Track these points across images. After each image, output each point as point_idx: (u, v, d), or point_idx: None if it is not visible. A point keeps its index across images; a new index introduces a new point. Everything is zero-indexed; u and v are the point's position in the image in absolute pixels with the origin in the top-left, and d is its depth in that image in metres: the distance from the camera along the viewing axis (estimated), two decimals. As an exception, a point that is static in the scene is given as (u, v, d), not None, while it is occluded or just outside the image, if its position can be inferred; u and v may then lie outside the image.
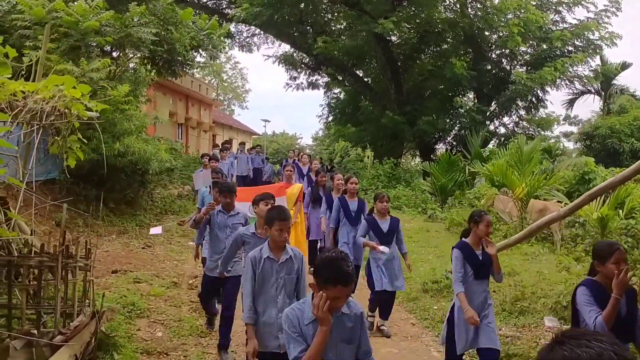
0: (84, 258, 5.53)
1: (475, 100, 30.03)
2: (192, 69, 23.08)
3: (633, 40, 76.25)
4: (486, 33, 27.59)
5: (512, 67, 28.86)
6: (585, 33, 27.09)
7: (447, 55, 27.92)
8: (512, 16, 25.50)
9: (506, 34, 25.54)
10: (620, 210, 12.23)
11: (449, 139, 30.86)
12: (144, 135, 13.81)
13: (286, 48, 33.51)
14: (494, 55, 29.56)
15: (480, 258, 5.49)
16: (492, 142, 29.18)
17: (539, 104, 29.75)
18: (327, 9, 30.25)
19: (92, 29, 12.01)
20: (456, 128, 29.64)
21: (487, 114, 28.53)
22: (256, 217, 5.76)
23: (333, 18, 31.21)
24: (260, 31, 31.47)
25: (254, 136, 51.91)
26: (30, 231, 6.04)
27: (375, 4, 25.82)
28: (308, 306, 3.21)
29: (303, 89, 34.66)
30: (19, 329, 4.83)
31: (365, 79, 33.05)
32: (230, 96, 66.87)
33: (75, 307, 5.32)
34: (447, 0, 27.93)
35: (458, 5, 27.35)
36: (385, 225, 7.66)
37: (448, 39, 29.02)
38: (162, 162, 13.56)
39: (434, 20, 26.57)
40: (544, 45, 27.37)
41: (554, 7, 28.25)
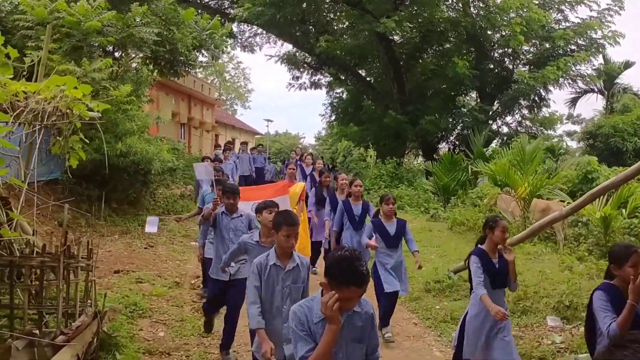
0: (85, 258, 5.54)
1: (477, 100, 29.99)
2: (195, 68, 23.06)
3: (636, 39, 76.14)
4: (489, 32, 27.57)
5: (515, 66, 28.81)
6: (588, 32, 27.05)
7: (450, 54, 27.91)
8: (515, 15, 25.46)
9: (509, 33, 25.50)
10: (623, 210, 12.19)
11: (452, 138, 30.84)
12: (146, 135, 13.81)
13: (288, 48, 33.52)
14: (496, 55, 29.53)
15: (496, 266, 5.34)
16: (495, 142, 29.13)
17: (542, 103, 29.74)
18: (329, 8, 30.27)
19: (94, 29, 12.02)
20: (459, 127, 29.62)
21: (490, 113, 28.49)
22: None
23: (335, 17, 31.21)
24: (263, 31, 31.46)
25: (257, 136, 51.86)
26: (32, 231, 6.04)
27: (377, 3, 25.80)
28: (317, 303, 3.06)
29: (306, 89, 34.68)
30: (21, 329, 4.84)
31: (368, 79, 33.03)
32: (232, 96, 66.88)
33: (77, 307, 5.33)
34: (450, 0, 27.92)
35: (460, 5, 27.32)
36: (391, 228, 7.50)
37: (450, 38, 28.98)
38: (165, 162, 13.57)
39: (436, 20, 26.53)
40: (546, 44, 27.34)
41: (556, 6, 28.20)
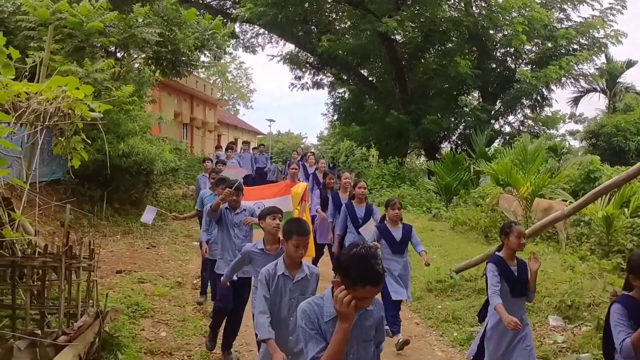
0: (87, 258, 5.55)
1: (480, 99, 29.96)
2: (197, 69, 23.08)
3: (638, 38, 76.05)
4: (491, 32, 27.55)
5: (517, 66, 28.77)
6: (591, 31, 26.98)
7: (452, 54, 27.88)
8: (517, 14, 25.42)
9: (511, 32, 25.45)
10: (626, 209, 12.17)
11: (454, 138, 30.82)
12: (148, 135, 13.81)
13: (291, 47, 33.53)
14: (498, 54, 29.50)
15: (515, 274, 5.19)
16: (497, 141, 29.13)
17: (544, 103, 29.70)
18: (331, 8, 30.27)
19: (96, 30, 12.03)
20: (461, 127, 29.61)
21: (492, 112, 28.48)
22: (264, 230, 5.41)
23: (337, 17, 31.19)
24: (265, 31, 31.48)
25: (259, 136, 51.93)
26: (34, 232, 6.05)
27: (379, 3, 25.79)
28: (328, 301, 2.90)
29: (308, 89, 34.69)
30: (22, 329, 4.85)
31: (370, 78, 33.01)
32: (235, 96, 66.98)
33: (79, 308, 5.34)
34: (452, -1, 27.95)
35: (462, 4, 27.28)
36: (397, 233, 7.27)
37: (452, 38, 28.96)
38: (167, 162, 13.57)
39: (438, 19, 26.50)
40: (548, 44, 27.28)
41: (558, 5, 28.17)
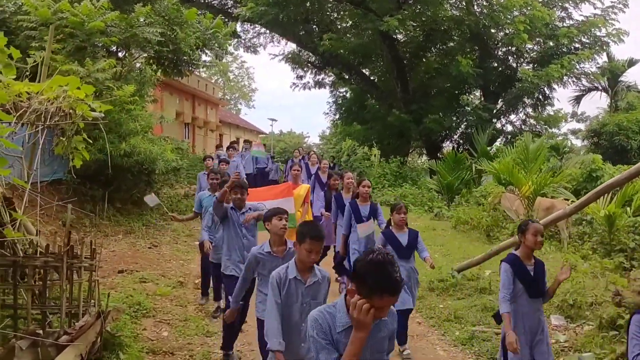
0: (89, 258, 5.55)
1: (481, 98, 29.97)
2: (198, 68, 23.10)
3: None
4: (492, 31, 27.55)
5: (519, 65, 28.78)
6: (592, 30, 26.98)
7: (453, 53, 27.90)
8: (518, 13, 25.42)
9: (512, 31, 25.47)
10: (628, 208, 12.15)
11: (456, 137, 30.85)
12: (150, 135, 13.82)
13: (292, 47, 33.58)
14: (500, 53, 29.51)
15: (532, 273, 5.01)
16: (499, 140, 29.16)
17: (546, 102, 29.74)
18: (333, 7, 30.29)
19: (98, 30, 12.03)
20: (463, 126, 29.64)
21: (494, 111, 28.48)
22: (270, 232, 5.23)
23: (339, 17, 31.22)
24: (266, 30, 31.50)
25: (261, 135, 51.92)
26: (35, 231, 6.05)
27: (381, 2, 25.81)
28: (340, 311, 2.78)
29: (310, 88, 34.74)
30: (24, 329, 4.85)
31: (372, 78, 33.03)
32: (236, 95, 67.01)
33: (80, 307, 5.34)
34: (453, -2, 27.94)
35: (464, 3, 27.27)
36: (404, 238, 7.06)
37: (454, 37, 28.96)
38: (169, 162, 13.59)
39: (439, 18, 26.50)
40: (550, 43, 27.29)
41: (560, 4, 28.16)
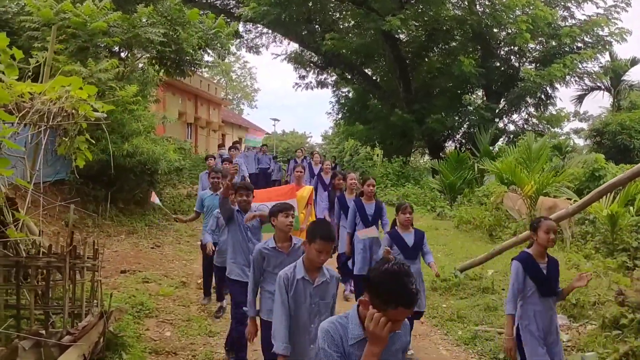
0: (91, 258, 5.56)
1: (484, 98, 29.97)
2: (201, 68, 23.12)
3: (643, 35, 75.72)
4: (494, 30, 27.55)
5: (521, 64, 28.78)
6: (595, 29, 26.96)
7: (456, 52, 27.92)
8: (521, 13, 25.41)
9: (515, 30, 25.47)
10: (631, 207, 12.13)
11: (458, 136, 30.85)
12: (152, 135, 13.83)
13: (294, 47, 33.62)
14: (502, 53, 29.50)
15: (544, 272, 4.86)
16: (501, 140, 29.16)
17: (548, 101, 29.71)
18: (335, 7, 30.31)
19: (100, 30, 12.04)
20: (465, 126, 29.64)
21: (496, 111, 28.49)
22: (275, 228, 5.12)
23: (341, 16, 31.25)
24: (268, 30, 31.54)
25: (264, 135, 51.93)
26: (38, 232, 6.06)
27: (383, 1, 25.83)
28: (353, 322, 2.69)
29: (312, 88, 34.81)
30: (27, 329, 4.86)
31: (374, 78, 33.06)
32: (239, 95, 67.00)
33: (83, 308, 5.35)
34: (455, -2, 27.93)
35: (466, 3, 27.28)
36: (409, 238, 6.97)
37: (456, 37, 28.98)
38: (171, 162, 13.59)
39: (442, 18, 26.52)
40: (552, 42, 27.26)
41: (562, 3, 28.14)
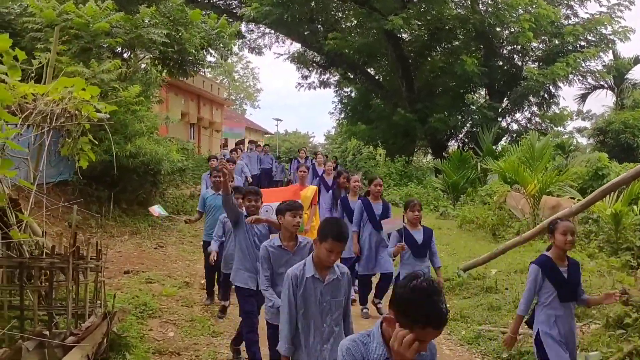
0: (95, 259, 5.56)
1: (486, 97, 29.92)
2: (203, 68, 23.13)
3: (647, 34, 75.56)
4: (497, 29, 27.52)
5: (524, 63, 28.73)
6: (598, 27, 26.89)
7: (458, 52, 27.86)
8: (523, 12, 25.37)
9: (517, 29, 25.43)
10: (635, 206, 12.10)
11: (461, 136, 30.84)
12: (155, 135, 13.85)
13: (297, 47, 33.62)
14: (505, 52, 29.46)
15: (565, 275, 4.67)
16: (504, 139, 29.11)
17: (551, 100, 29.64)
18: (337, 7, 30.31)
19: (103, 31, 12.06)
20: (468, 125, 29.61)
21: (499, 110, 28.44)
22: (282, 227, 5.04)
23: (343, 16, 31.25)
24: (271, 30, 31.55)
25: (267, 135, 51.94)
26: (42, 232, 6.07)
27: (385, 1, 25.85)
28: (375, 341, 2.53)
29: (315, 88, 34.80)
30: (31, 330, 4.86)
31: (377, 77, 33.06)
32: (242, 95, 67.06)
33: (86, 308, 5.35)
34: (458, -3, 27.92)
35: (469, 2, 27.26)
36: (419, 236, 6.94)
37: (459, 36, 28.93)
38: (174, 163, 13.61)
39: (444, 17, 26.49)
40: (555, 41, 27.20)
41: (565, 2, 28.12)
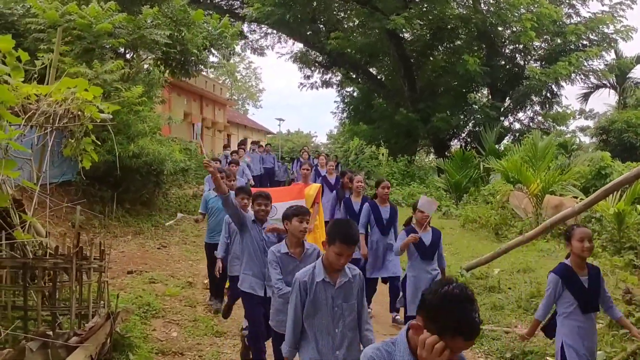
0: (98, 259, 5.57)
1: (489, 96, 29.93)
2: (206, 68, 23.17)
3: (649, 33, 75.53)
4: (499, 28, 27.50)
5: (526, 62, 28.73)
6: (600, 27, 26.89)
7: (460, 51, 27.86)
8: (525, 11, 25.37)
9: (519, 29, 25.44)
10: (638, 205, 12.09)
11: (463, 135, 30.82)
12: (158, 136, 13.87)
13: (299, 46, 33.67)
14: (507, 51, 29.46)
15: (586, 285, 4.51)
16: (507, 138, 29.07)
17: (554, 99, 29.63)
18: (340, 6, 30.33)
19: (105, 32, 12.08)
20: (470, 124, 29.61)
21: (501, 109, 28.43)
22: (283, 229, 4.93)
23: (345, 16, 31.27)
24: (273, 30, 31.60)
25: (269, 135, 51.94)
26: (45, 233, 6.08)
27: (387, 1, 25.84)
28: (401, 349, 2.36)
29: (317, 88, 34.83)
30: (34, 330, 4.87)
31: (379, 77, 33.08)
32: (244, 95, 67.05)
33: (90, 308, 5.35)
34: (459, -4, 27.93)
35: (470, 1, 27.26)
36: (427, 237, 6.75)
37: (461, 35, 28.95)
38: (177, 163, 13.63)
39: (446, 17, 26.52)
40: (558, 40, 27.20)
41: (567, 1, 28.14)
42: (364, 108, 32.74)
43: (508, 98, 29.16)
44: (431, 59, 30.07)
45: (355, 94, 34.85)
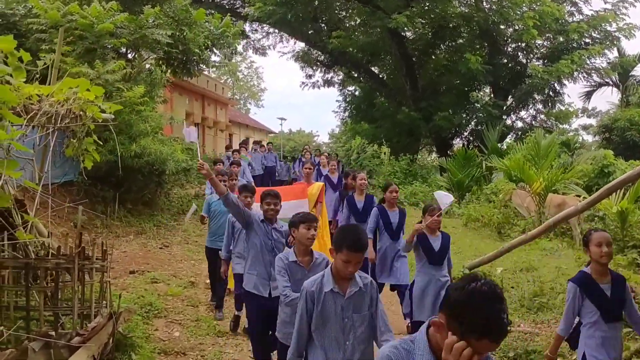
0: (100, 259, 5.57)
1: (491, 95, 29.86)
2: (208, 68, 23.17)
3: (652, 30, 75.37)
4: (501, 27, 27.43)
5: (529, 61, 28.66)
6: (603, 24, 26.81)
7: (462, 50, 27.79)
8: (527, 9, 25.31)
9: (522, 27, 25.38)
10: (641, 204, 12.09)
11: (466, 134, 30.76)
12: (160, 135, 13.88)
13: (301, 46, 33.65)
14: (509, 49, 29.39)
15: (608, 294, 4.35)
16: (509, 137, 29.03)
17: (556, 97, 29.56)
18: (341, 5, 30.30)
19: (107, 31, 12.09)
20: (472, 123, 29.54)
21: (504, 108, 28.36)
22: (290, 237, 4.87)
23: (347, 15, 31.23)
24: (275, 30, 31.59)
25: (271, 134, 51.95)
26: (47, 233, 6.08)
27: (389, -1, 25.83)
28: (420, 348, 2.24)
29: (319, 87, 34.86)
30: (37, 330, 4.87)
31: (381, 76, 33.03)
32: (246, 95, 67.07)
33: (92, 308, 5.36)
34: (461, -5, 27.87)
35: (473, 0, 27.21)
36: (436, 242, 6.46)
37: (463, 34, 28.91)
38: (179, 162, 13.64)
39: (448, 15, 26.48)
40: (560, 38, 27.15)
41: (569, -1, 28.04)
42: (365, 107, 32.71)
43: (510, 96, 29.10)
44: (433, 57, 30.02)
45: (357, 93, 34.83)
